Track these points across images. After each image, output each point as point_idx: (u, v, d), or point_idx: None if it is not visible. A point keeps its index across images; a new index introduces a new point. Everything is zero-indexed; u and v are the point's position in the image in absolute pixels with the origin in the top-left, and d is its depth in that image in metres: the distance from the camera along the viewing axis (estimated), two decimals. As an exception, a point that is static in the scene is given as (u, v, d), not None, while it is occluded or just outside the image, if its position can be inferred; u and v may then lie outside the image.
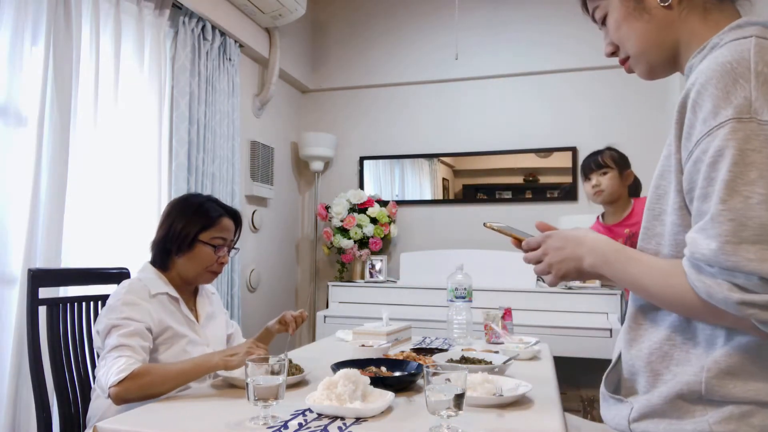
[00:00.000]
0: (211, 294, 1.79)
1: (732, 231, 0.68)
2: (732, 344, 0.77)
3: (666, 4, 0.86)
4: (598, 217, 2.45)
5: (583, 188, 2.41)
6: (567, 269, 0.95)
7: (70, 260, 2.21)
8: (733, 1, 0.87)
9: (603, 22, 0.96)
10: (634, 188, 2.41)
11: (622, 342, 0.94)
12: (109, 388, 1.31)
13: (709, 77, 0.74)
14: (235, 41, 3.25)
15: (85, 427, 1.56)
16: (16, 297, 2.00)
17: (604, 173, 2.30)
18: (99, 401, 1.47)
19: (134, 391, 1.31)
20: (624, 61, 0.97)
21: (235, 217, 1.70)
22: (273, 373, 1.12)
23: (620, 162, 2.32)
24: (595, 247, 0.91)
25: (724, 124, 0.71)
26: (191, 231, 1.59)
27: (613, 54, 0.98)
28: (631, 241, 2.31)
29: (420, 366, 1.42)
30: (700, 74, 0.76)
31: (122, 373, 1.30)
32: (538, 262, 1.01)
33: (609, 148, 2.38)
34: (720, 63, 0.74)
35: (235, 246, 1.71)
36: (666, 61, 0.91)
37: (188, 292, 1.68)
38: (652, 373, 0.85)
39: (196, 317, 1.66)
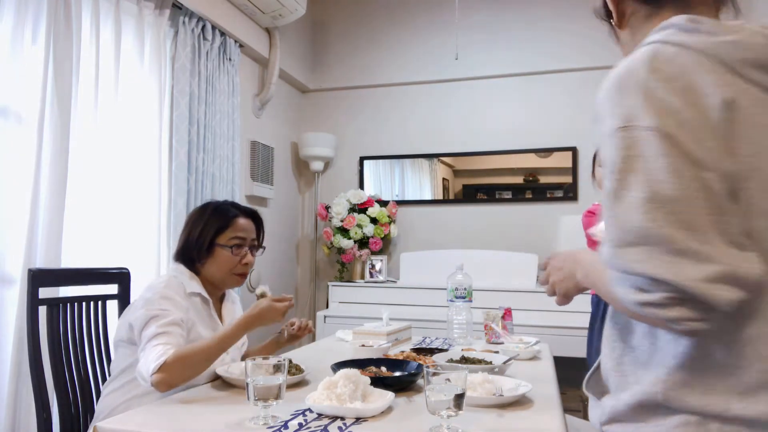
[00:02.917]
0: (234, 301, 1.79)
1: (617, 236, 0.72)
2: (688, 354, 0.78)
3: (619, 24, 0.93)
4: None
5: (595, 173, 2.45)
6: (567, 287, 1.02)
7: (70, 260, 2.20)
8: (671, 6, 0.87)
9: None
10: None
11: (603, 343, 0.95)
12: (151, 376, 1.29)
13: (605, 88, 0.79)
14: (235, 41, 3.25)
15: (85, 428, 1.56)
16: (16, 297, 2.00)
17: None
18: (108, 399, 1.46)
19: (176, 376, 1.30)
20: None
21: (254, 216, 1.69)
22: (273, 373, 1.12)
23: None
24: (583, 260, 0.97)
25: (613, 135, 0.75)
26: (208, 234, 1.58)
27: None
28: None
29: (420, 366, 1.42)
30: (603, 82, 0.81)
31: (161, 358, 1.30)
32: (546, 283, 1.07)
33: None
34: (614, 74, 0.79)
35: (260, 245, 1.70)
36: None
37: (216, 296, 1.68)
38: (619, 376, 0.87)
39: (221, 320, 1.66)
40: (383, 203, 3.87)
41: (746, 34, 0.77)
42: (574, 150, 3.64)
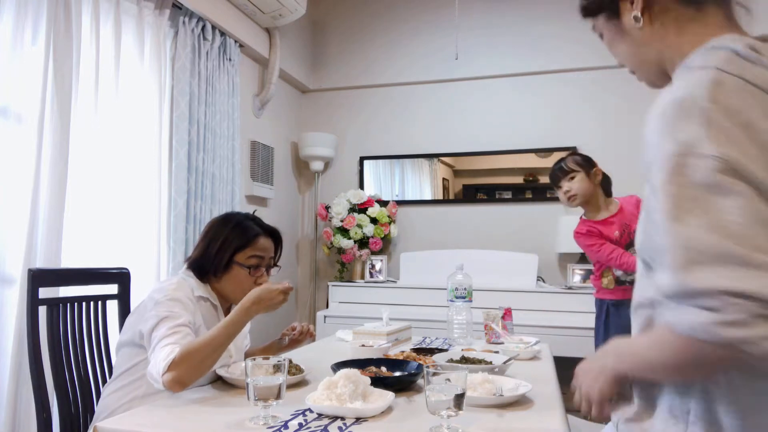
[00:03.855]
0: None
1: (683, 258, 0.67)
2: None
3: (639, 25, 0.87)
4: (581, 218, 2.49)
5: (558, 197, 2.47)
6: (601, 387, 0.87)
7: (70, 260, 2.20)
8: (714, 7, 0.84)
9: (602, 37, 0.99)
10: (606, 184, 2.48)
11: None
12: (162, 376, 1.28)
13: (661, 112, 0.75)
14: (235, 41, 3.25)
15: (85, 428, 1.56)
16: (16, 297, 2.00)
17: (572, 177, 2.39)
18: (108, 400, 1.46)
19: (186, 373, 1.28)
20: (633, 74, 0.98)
21: (274, 235, 1.65)
22: (273, 373, 1.12)
23: (584, 164, 2.40)
24: (611, 346, 0.88)
25: (670, 159, 0.71)
26: (227, 251, 1.55)
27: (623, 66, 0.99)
28: (628, 233, 2.33)
29: (420, 366, 1.42)
30: (657, 106, 0.76)
31: (170, 357, 1.28)
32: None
33: (571, 154, 2.48)
34: (670, 99, 0.75)
35: (277, 264, 1.67)
36: (659, 75, 0.92)
37: (225, 305, 1.66)
38: None
39: None
40: (383, 203, 3.87)
41: None
42: (573, 150, 3.64)
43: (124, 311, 1.82)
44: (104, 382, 1.64)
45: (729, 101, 0.71)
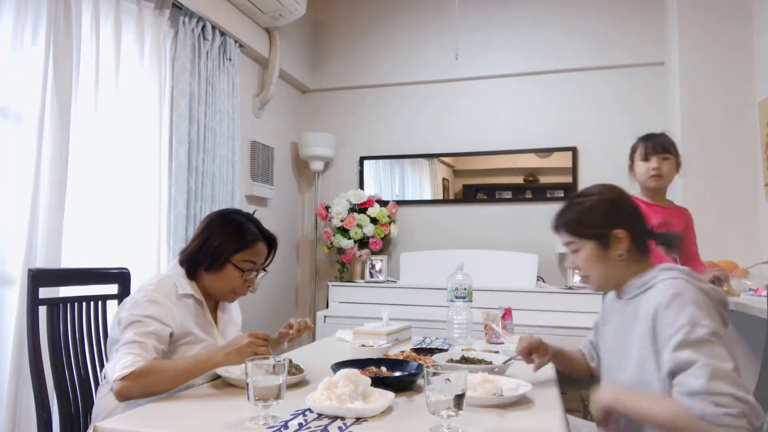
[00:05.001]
0: (233, 305, 1.78)
1: (710, 375, 1.08)
2: None
3: (621, 258, 1.33)
4: (635, 197, 2.35)
5: (636, 166, 2.30)
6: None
7: (70, 260, 2.20)
8: (647, 255, 1.37)
9: (572, 251, 1.40)
10: None
11: None
12: (114, 381, 1.30)
13: (668, 303, 1.19)
14: (235, 41, 3.25)
15: (85, 427, 1.56)
16: (16, 297, 2.00)
17: (665, 158, 2.24)
18: (105, 399, 1.46)
19: (136, 389, 1.31)
20: (586, 278, 1.40)
21: (271, 241, 1.67)
22: (273, 373, 1.12)
23: (678, 152, 2.27)
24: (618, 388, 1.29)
25: (681, 329, 1.15)
26: (225, 251, 1.57)
27: (578, 269, 1.41)
28: (667, 228, 2.24)
29: (420, 366, 1.42)
30: (659, 303, 1.20)
31: (126, 369, 1.30)
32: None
33: (666, 134, 2.30)
34: (671, 293, 1.20)
35: (266, 269, 1.69)
36: (612, 286, 1.39)
37: (212, 300, 1.67)
38: None
39: (216, 322, 1.66)
40: (383, 203, 3.87)
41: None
42: (574, 150, 3.64)
43: (124, 311, 1.82)
44: (104, 382, 1.64)
45: (696, 296, 1.19)
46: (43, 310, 1.56)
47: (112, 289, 1.84)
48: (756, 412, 1.06)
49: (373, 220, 3.76)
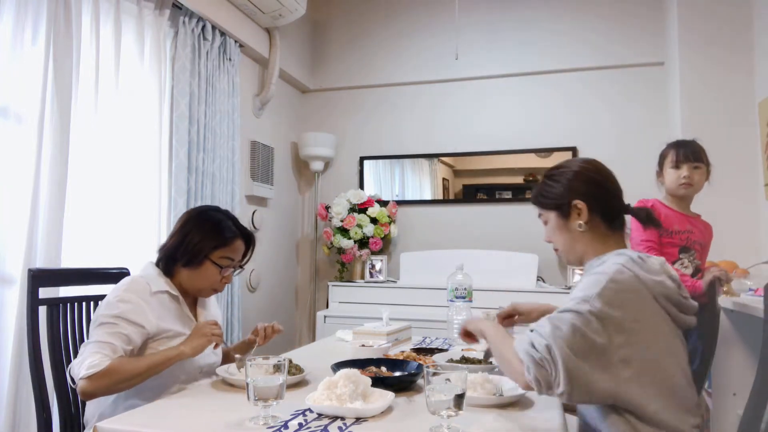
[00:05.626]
0: (210, 299, 1.78)
1: (553, 327, 1.12)
2: None
3: (581, 229, 1.33)
4: (660, 201, 2.29)
5: (666, 173, 2.26)
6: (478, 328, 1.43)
7: (70, 260, 2.20)
8: (617, 232, 1.36)
9: (544, 223, 1.43)
10: None
11: None
12: (79, 380, 1.34)
13: (595, 279, 1.19)
14: (235, 41, 3.25)
15: (85, 427, 1.56)
16: (16, 297, 2.00)
17: (697, 167, 2.21)
18: (94, 403, 1.47)
19: (100, 388, 1.35)
20: (556, 250, 1.42)
21: (248, 239, 1.69)
22: (273, 373, 1.12)
23: (708, 160, 2.24)
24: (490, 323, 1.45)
25: (575, 298, 1.17)
26: (204, 247, 1.59)
27: (551, 242, 1.43)
28: (687, 237, 2.23)
29: (420, 366, 1.42)
30: (600, 273, 1.20)
31: (91, 369, 1.33)
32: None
33: (696, 141, 2.25)
34: (596, 272, 1.21)
35: (242, 266, 1.71)
36: (576, 260, 1.39)
37: (190, 296, 1.67)
38: None
39: (195, 318, 1.66)
40: (383, 203, 3.86)
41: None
42: (574, 150, 3.64)
43: (124, 311, 1.82)
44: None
45: (626, 283, 1.18)
46: (43, 310, 1.57)
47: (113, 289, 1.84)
48: (556, 374, 1.06)
49: (373, 220, 3.76)
